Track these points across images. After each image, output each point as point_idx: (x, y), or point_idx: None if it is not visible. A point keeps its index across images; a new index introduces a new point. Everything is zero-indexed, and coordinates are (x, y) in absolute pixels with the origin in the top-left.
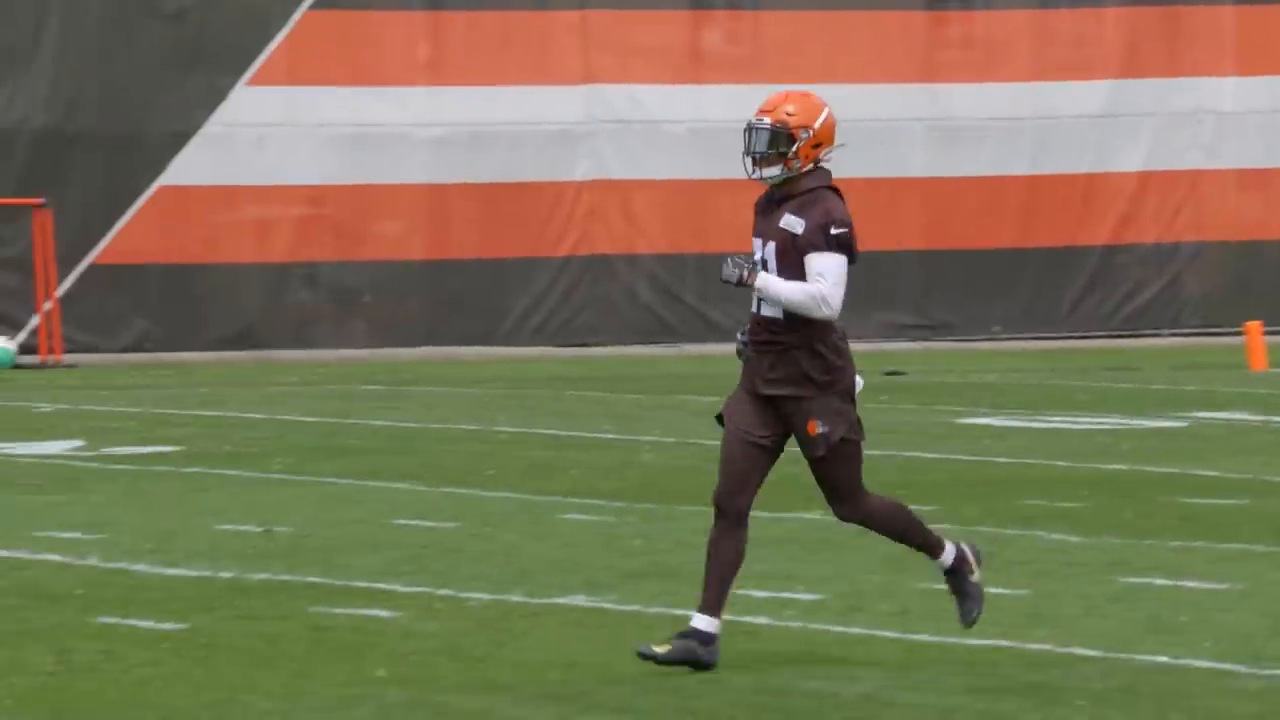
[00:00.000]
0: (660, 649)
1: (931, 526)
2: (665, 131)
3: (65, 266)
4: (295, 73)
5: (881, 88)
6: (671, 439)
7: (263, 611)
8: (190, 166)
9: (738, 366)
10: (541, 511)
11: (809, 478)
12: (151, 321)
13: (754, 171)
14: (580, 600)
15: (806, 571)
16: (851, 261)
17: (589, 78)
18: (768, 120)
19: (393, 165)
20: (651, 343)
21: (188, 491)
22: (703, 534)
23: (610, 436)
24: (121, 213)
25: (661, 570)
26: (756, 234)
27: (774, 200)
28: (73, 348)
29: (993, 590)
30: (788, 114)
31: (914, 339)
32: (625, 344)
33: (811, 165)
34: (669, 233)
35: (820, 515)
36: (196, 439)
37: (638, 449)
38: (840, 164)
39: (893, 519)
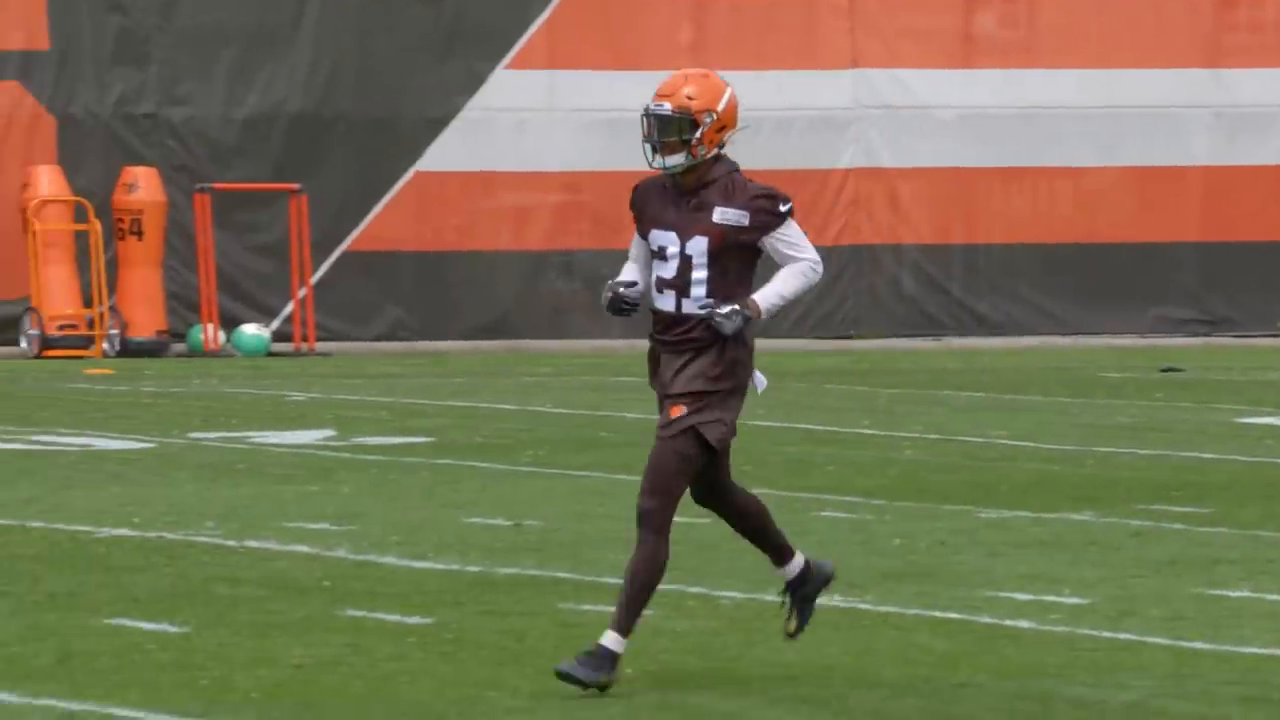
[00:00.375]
0: (792, 628)
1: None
2: (934, 118)
3: (320, 253)
4: (555, 56)
5: (1163, 73)
6: (934, 435)
7: (510, 607)
8: (447, 152)
9: (1004, 361)
10: (797, 508)
11: (1075, 478)
12: (405, 310)
13: (655, 160)
14: (835, 601)
15: (1073, 574)
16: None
17: (856, 62)
18: (668, 105)
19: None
20: (915, 335)
21: (437, 483)
22: (963, 534)
23: (870, 432)
24: (377, 199)
25: (919, 571)
26: (662, 227)
27: (681, 191)
28: (326, 336)
29: (1272, 598)
30: (688, 98)
31: (1192, 334)
32: (888, 337)
33: (716, 150)
34: (936, 222)
35: (1089, 516)
36: (447, 430)
37: (898, 445)
38: (1118, 151)
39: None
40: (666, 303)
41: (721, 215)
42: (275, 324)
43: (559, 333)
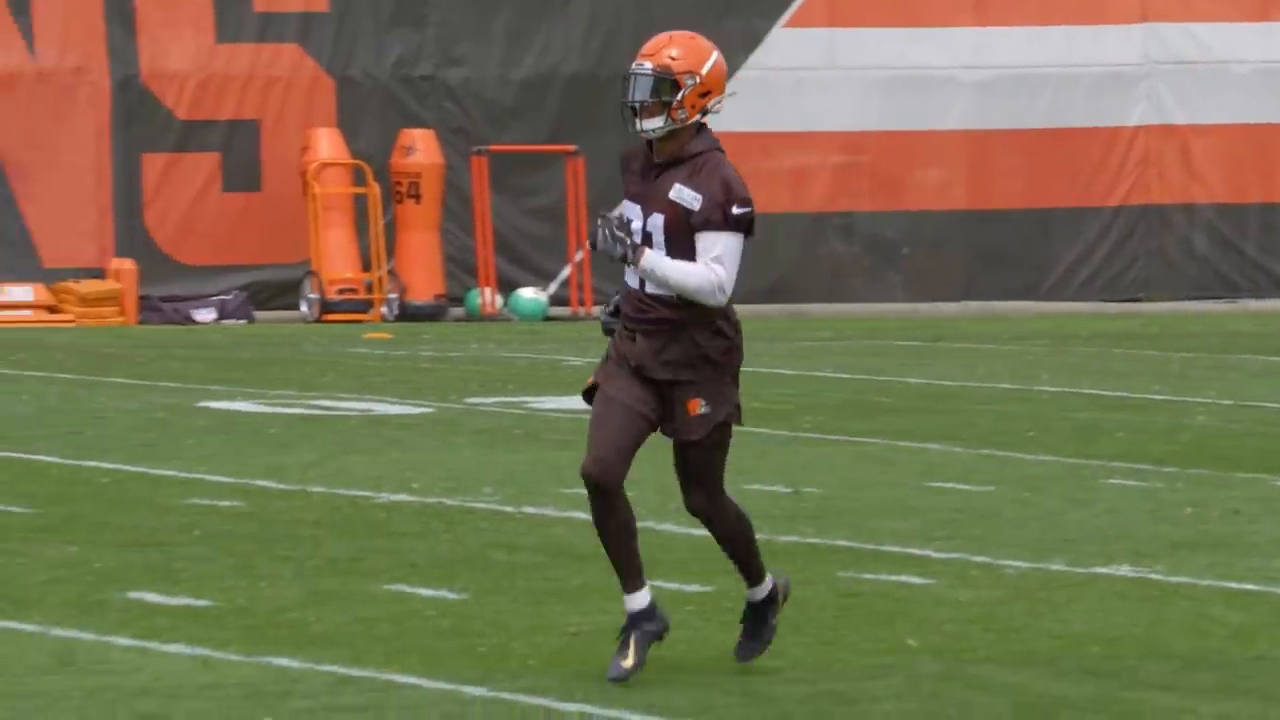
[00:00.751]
0: (628, 663)
1: None
2: (1230, 73)
3: (596, 216)
4: (835, 14)
5: None
6: (1228, 401)
7: (790, 575)
8: (725, 113)
9: None
10: (1085, 476)
11: None
12: None
13: (634, 124)
14: (1125, 570)
15: None
16: (748, 237)
17: (1146, 15)
18: (649, 65)
19: (934, 111)
20: (1208, 298)
21: None
22: (1258, 502)
23: (1161, 398)
24: None
25: (1213, 540)
26: (632, 198)
27: (657, 161)
28: (602, 299)
29: None
30: (671, 58)
31: None
32: (1179, 299)
33: (699, 116)
34: (1231, 181)
35: None
36: None
37: (1190, 411)
38: None
39: (740, 524)
40: (633, 279)
41: (677, 194)
42: (552, 288)
43: (838, 296)
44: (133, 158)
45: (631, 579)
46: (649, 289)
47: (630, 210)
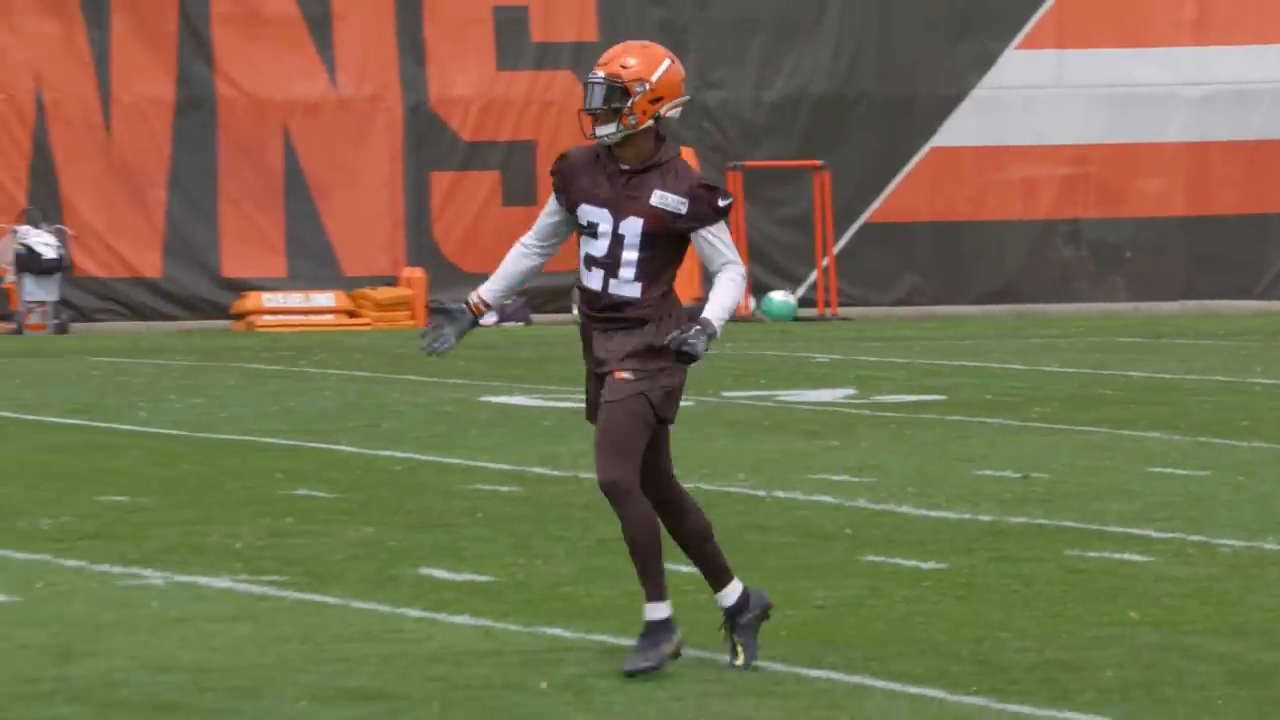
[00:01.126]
0: (740, 661)
1: None
2: None
3: (841, 225)
4: (1064, 36)
5: None
6: None
7: (1019, 553)
8: (960, 128)
9: None
10: None
11: None
12: (920, 276)
13: (590, 130)
14: None
15: None
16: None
17: None
18: (602, 74)
19: (1155, 124)
20: None
21: (950, 438)
22: None
23: None
24: (894, 173)
25: None
26: (595, 203)
27: (625, 168)
28: (847, 301)
29: None
30: (622, 67)
31: None
32: None
33: (650, 122)
34: None
35: None
36: (960, 388)
37: None
38: None
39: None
40: (594, 281)
41: (660, 199)
42: (801, 291)
43: (1065, 297)
44: (422, 176)
45: (715, 577)
46: (611, 290)
47: (595, 214)
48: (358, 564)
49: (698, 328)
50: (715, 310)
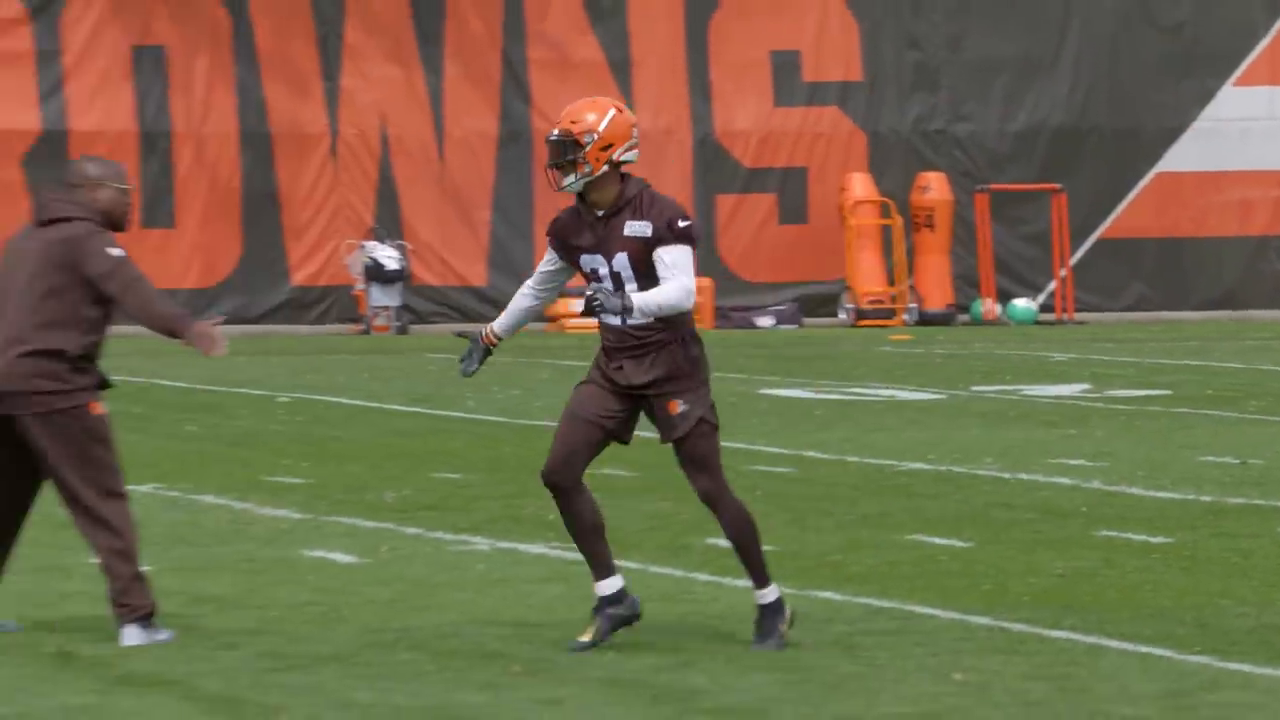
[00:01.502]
0: (586, 638)
1: None
2: None
3: (1076, 240)
4: (1276, 73)
5: None
6: None
7: (1237, 530)
8: (1183, 156)
9: None
10: None
11: None
12: (1147, 286)
13: (556, 184)
14: None
15: None
16: (695, 248)
17: None
18: (556, 132)
19: None
20: None
21: (1175, 428)
22: None
23: None
24: (1124, 195)
25: None
26: (585, 252)
27: (599, 216)
28: (1082, 308)
29: None
30: (573, 123)
31: None
32: None
33: (606, 167)
34: None
35: None
36: (1183, 384)
37: None
38: None
39: (744, 522)
40: (612, 319)
41: (630, 229)
42: (1041, 298)
43: (1279, 304)
44: (709, 198)
45: (598, 569)
46: (629, 322)
47: (592, 260)
48: (654, 534)
49: (620, 293)
50: (645, 296)
